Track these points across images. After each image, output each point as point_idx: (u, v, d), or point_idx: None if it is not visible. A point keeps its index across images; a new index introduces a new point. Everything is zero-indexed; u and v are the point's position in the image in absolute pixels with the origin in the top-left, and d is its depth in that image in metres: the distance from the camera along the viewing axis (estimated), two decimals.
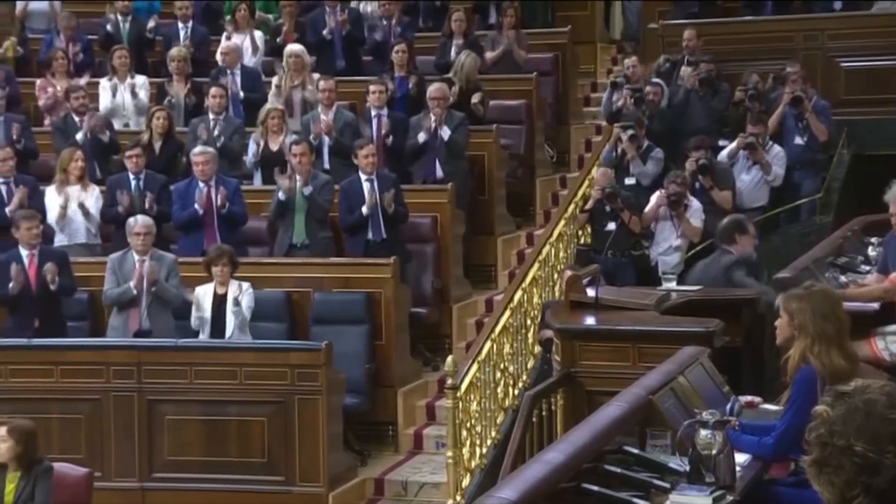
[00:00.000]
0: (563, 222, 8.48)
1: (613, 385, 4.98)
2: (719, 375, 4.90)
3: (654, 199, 8.17)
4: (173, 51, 9.83)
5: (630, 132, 8.59)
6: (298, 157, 8.08)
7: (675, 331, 5.63)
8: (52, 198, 8.28)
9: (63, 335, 7.47)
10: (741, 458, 4.19)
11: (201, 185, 8.14)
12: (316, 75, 9.54)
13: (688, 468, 3.98)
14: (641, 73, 9.50)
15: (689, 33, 9.78)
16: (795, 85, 8.93)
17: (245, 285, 7.38)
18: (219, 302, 7.33)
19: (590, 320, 6.12)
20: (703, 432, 3.97)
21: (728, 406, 4.42)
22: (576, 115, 10.86)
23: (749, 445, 4.28)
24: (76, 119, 9.00)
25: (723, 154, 8.72)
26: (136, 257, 7.44)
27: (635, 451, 4.11)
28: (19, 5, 10.87)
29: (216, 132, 8.91)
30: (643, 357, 5.54)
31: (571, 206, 8.67)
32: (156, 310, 7.41)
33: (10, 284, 7.34)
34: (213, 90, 9.12)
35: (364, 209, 8.06)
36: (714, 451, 3.95)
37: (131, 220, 7.57)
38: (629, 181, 8.60)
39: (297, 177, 8.07)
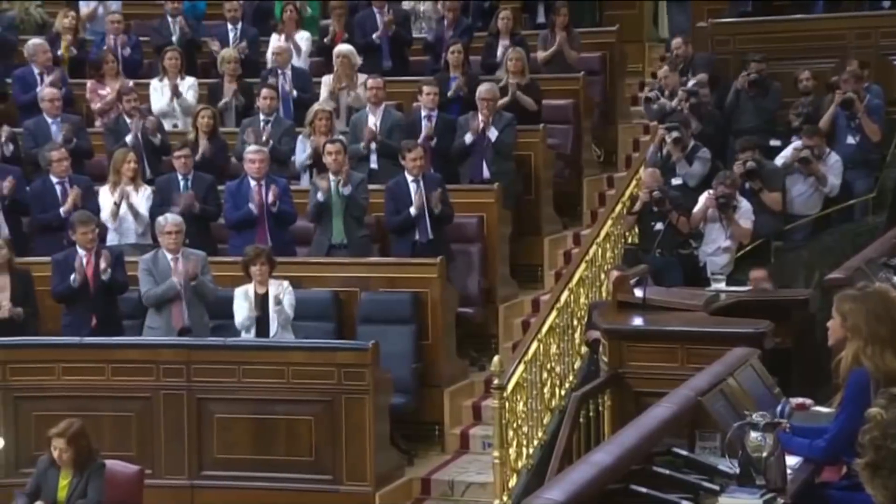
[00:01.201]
0: (610, 222, 8.44)
1: (661, 386, 4.95)
2: (769, 377, 4.85)
3: (702, 200, 8.10)
4: (224, 52, 9.92)
5: (674, 133, 8.51)
6: (333, 156, 8.11)
7: (725, 332, 5.58)
8: (106, 198, 8.39)
9: (119, 334, 7.57)
10: (792, 460, 4.14)
11: (253, 184, 8.20)
12: (363, 76, 9.59)
13: (738, 470, 3.93)
14: (675, 82, 9.37)
15: (676, 42, 9.79)
16: (848, 85, 8.80)
17: (284, 284, 7.42)
18: (261, 301, 7.38)
19: (637, 321, 6.08)
20: (754, 434, 3.93)
21: (778, 408, 4.37)
22: (623, 114, 10.80)
23: (800, 448, 4.23)
24: (127, 121, 9.11)
25: (777, 162, 8.60)
26: (169, 256, 7.49)
27: (684, 452, 4.08)
28: (83, 7, 11.02)
29: (266, 134, 8.98)
30: (692, 358, 5.50)
31: (619, 206, 8.62)
32: (193, 307, 7.47)
33: (73, 276, 7.44)
34: (263, 91, 9.19)
35: (412, 210, 8.08)
36: (764, 454, 3.90)
37: (161, 218, 7.64)
38: (676, 181, 8.53)
39: (332, 176, 8.10)
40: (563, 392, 7.40)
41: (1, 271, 7.58)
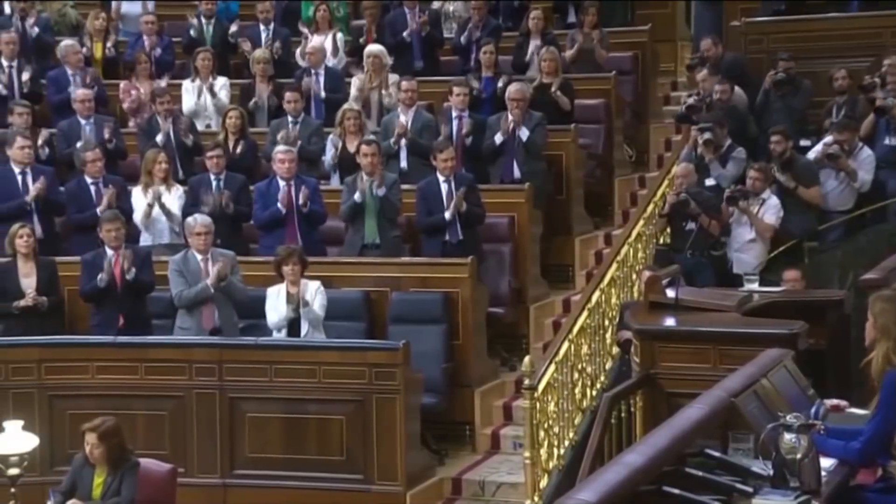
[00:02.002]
0: (641, 222, 8.40)
1: (693, 387, 4.92)
2: (804, 378, 4.81)
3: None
4: (256, 53, 9.97)
5: (707, 135, 8.45)
6: (369, 158, 8.13)
7: (758, 332, 5.54)
8: (138, 198, 8.45)
9: (147, 333, 7.61)
10: (827, 462, 4.11)
11: (282, 184, 8.23)
12: (394, 76, 9.60)
13: (772, 472, 3.91)
14: (713, 84, 9.30)
15: (706, 43, 9.72)
16: (891, 77, 8.67)
17: (315, 284, 7.43)
18: (293, 301, 7.39)
19: (669, 321, 6.05)
20: (788, 436, 3.90)
21: (813, 409, 4.34)
22: (655, 114, 10.76)
23: (835, 450, 4.19)
24: (160, 121, 9.17)
25: (809, 157, 8.54)
26: (199, 256, 7.53)
27: (717, 454, 4.05)
28: (114, 7, 11.10)
29: (294, 134, 9.00)
30: (724, 359, 5.46)
31: (650, 206, 8.58)
32: (223, 307, 7.51)
33: (99, 276, 7.50)
34: (287, 94, 9.22)
35: (447, 214, 8.07)
36: (799, 456, 3.88)
37: (190, 219, 7.66)
38: (709, 182, 8.47)
39: (365, 177, 8.11)
40: (594, 392, 7.37)
41: (26, 260, 7.65)
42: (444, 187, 8.21)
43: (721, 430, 4.19)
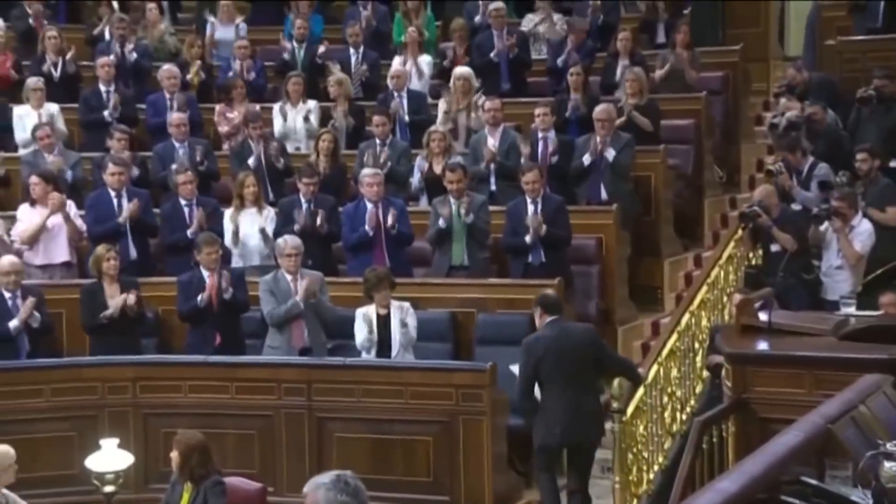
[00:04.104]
0: (732, 244, 8.27)
1: (788, 413, 4.82)
2: None
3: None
4: (332, 76, 10.09)
5: (777, 166, 8.32)
6: (455, 184, 8.15)
7: (856, 357, 5.40)
8: (229, 220, 8.59)
9: (241, 352, 7.72)
10: None
11: (370, 206, 8.30)
12: (482, 98, 9.62)
13: (871, 502, 3.79)
14: (797, 109, 9.15)
15: (790, 72, 9.63)
16: None
17: (406, 305, 7.47)
18: (382, 323, 7.44)
19: (763, 345, 5.93)
20: (888, 464, 3.78)
21: None
22: (747, 134, 10.61)
23: None
24: (252, 145, 9.33)
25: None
26: (289, 276, 7.61)
27: (813, 482, 3.95)
28: (208, 33, 11.37)
29: (382, 157, 9.08)
30: (820, 384, 5.34)
31: (741, 228, 8.44)
32: (313, 326, 7.57)
33: (200, 296, 7.64)
34: (375, 118, 9.30)
35: (527, 238, 8.05)
36: None
37: (280, 241, 7.75)
38: (796, 207, 8.32)
39: (452, 200, 8.13)
40: (683, 417, 7.27)
41: (111, 282, 7.78)
42: (530, 208, 8.19)
43: (817, 457, 4.09)
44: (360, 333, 7.49)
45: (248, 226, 8.48)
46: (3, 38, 10.77)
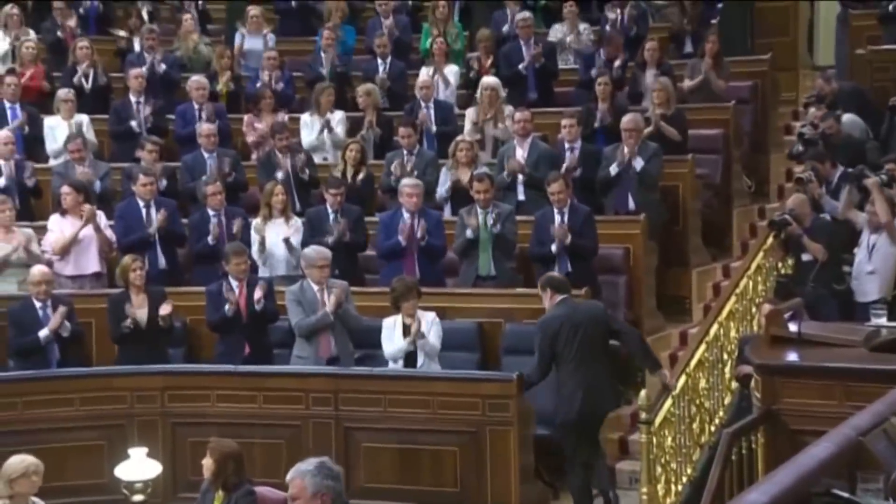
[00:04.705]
0: (761, 254, 8.22)
1: (818, 424, 4.80)
2: None
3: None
4: (361, 86, 10.12)
5: (807, 174, 8.27)
6: (482, 194, 8.15)
7: (887, 369, 5.35)
8: (255, 231, 8.61)
9: (270, 362, 7.74)
10: None
11: (406, 216, 8.30)
12: (508, 107, 9.62)
13: None
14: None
15: (819, 83, 9.54)
16: None
17: (431, 315, 7.47)
18: (408, 333, 7.43)
19: (792, 356, 5.89)
20: None
21: None
22: (776, 143, 10.55)
23: None
24: (279, 155, 9.37)
25: None
26: (315, 287, 7.61)
27: (845, 494, 3.91)
28: (237, 43, 11.44)
29: (409, 166, 9.09)
30: (851, 396, 5.30)
31: (770, 238, 8.39)
32: (340, 336, 7.58)
33: (227, 306, 7.67)
34: (401, 130, 9.31)
35: (553, 247, 8.04)
36: None
37: (310, 251, 7.75)
38: (827, 218, 8.26)
39: (479, 210, 8.13)
40: (712, 428, 7.22)
41: (138, 292, 7.83)
42: (556, 218, 8.18)
43: (848, 469, 4.05)
44: (388, 343, 7.49)
45: (275, 236, 8.50)
46: (34, 49, 10.89)
